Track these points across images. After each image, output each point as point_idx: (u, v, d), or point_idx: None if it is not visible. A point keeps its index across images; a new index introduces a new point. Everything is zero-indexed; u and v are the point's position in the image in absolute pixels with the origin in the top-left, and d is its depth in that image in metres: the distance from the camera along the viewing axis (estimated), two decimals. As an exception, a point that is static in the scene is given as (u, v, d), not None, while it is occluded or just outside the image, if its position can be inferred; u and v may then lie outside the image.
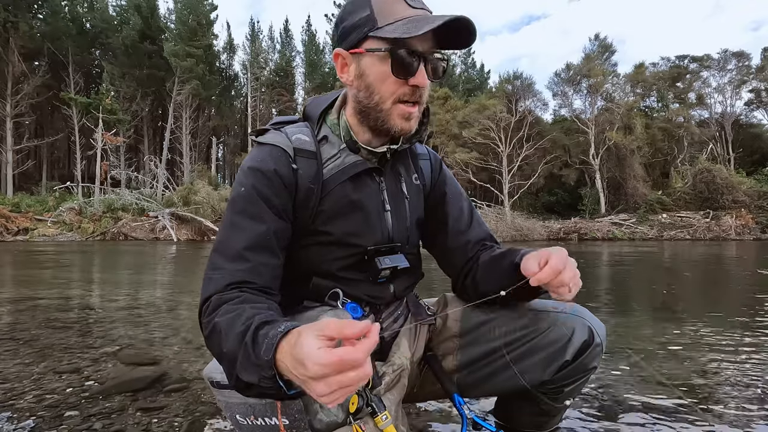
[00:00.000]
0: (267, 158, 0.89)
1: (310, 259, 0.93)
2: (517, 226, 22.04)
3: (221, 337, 0.70)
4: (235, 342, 0.67)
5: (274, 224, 0.87)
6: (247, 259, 0.82)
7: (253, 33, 41.61)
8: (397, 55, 0.82)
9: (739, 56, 31.07)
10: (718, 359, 2.02)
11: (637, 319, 3.01)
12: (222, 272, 0.81)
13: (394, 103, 0.86)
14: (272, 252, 0.86)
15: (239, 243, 0.83)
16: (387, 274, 0.95)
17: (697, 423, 1.35)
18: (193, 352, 2.20)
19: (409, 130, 0.90)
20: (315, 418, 0.81)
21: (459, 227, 1.09)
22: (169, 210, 21.65)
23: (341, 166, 0.93)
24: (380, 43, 0.83)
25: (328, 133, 0.96)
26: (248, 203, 0.86)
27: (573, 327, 0.96)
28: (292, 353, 0.57)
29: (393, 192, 1.00)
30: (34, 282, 5.22)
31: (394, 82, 0.84)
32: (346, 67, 0.90)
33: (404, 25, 0.81)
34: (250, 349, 0.63)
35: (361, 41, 0.85)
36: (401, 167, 1.03)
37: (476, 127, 27.69)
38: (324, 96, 1.03)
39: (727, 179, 24.35)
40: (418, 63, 0.83)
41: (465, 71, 46.50)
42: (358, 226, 0.94)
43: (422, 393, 1.13)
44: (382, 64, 0.84)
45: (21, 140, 32.66)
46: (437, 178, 1.12)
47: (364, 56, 0.86)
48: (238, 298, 0.77)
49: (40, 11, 34.05)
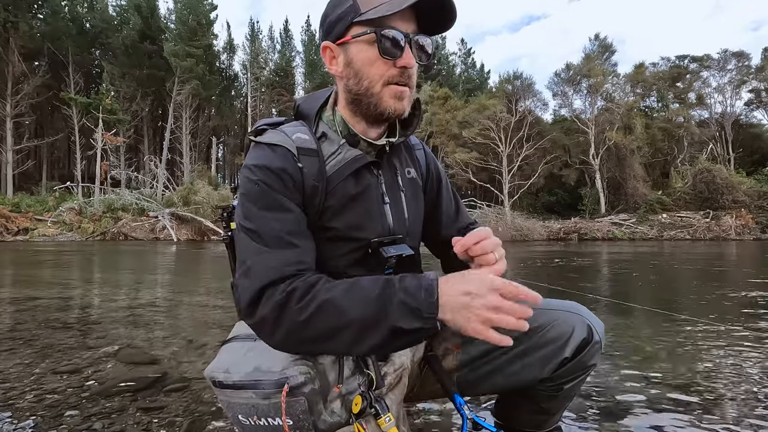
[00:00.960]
0: (272, 157, 0.88)
1: (319, 256, 0.92)
2: (517, 226, 22.03)
3: (342, 310, 0.74)
4: (372, 305, 0.74)
5: (300, 213, 0.87)
6: (294, 244, 0.82)
7: (253, 33, 41.63)
8: (383, 35, 0.83)
9: (739, 56, 31.09)
10: (718, 359, 2.02)
11: (637, 319, 3.00)
12: (271, 256, 0.80)
13: (384, 85, 0.87)
14: (309, 237, 0.87)
15: (278, 230, 0.82)
16: (393, 263, 0.95)
17: (698, 423, 1.35)
18: (193, 352, 2.20)
19: (402, 111, 0.90)
20: (319, 418, 0.81)
21: (450, 216, 1.15)
22: (169, 210, 21.66)
23: (343, 161, 0.93)
24: (365, 27, 0.84)
25: (326, 129, 0.96)
26: (269, 197, 0.85)
27: (572, 325, 0.97)
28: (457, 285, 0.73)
29: (390, 185, 1.00)
30: (34, 282, 5.22)
31: (382, 63, 0.85)
32: (334, 59, 0.91)
33: (386, 6, 0.82)
34: (408, 300, 0.73)
35: (346, 30, 0.86)
36: (396, 160, 1.04)
37: (476, 127, 27.69)
38: (316, 93, 1.03)
39: (727, 179, 24.35)
40: (404, 43, 0.84)
41: (465, 71, 46.51)
42: (361, 219, 0.94)
43: (422, 393, 1.13)
44: (368, 48, 0.85)
45: (21, 140, 32.67)
46: (432, 168, 1.14)
47: (351, 44, 0.87)
48: (321, 278, 0.80)
49: (40, 11, 34.06)
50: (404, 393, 0.96)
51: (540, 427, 1.16)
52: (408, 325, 0.72)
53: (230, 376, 0.83)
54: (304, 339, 0.76)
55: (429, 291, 0.73)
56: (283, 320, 0.76)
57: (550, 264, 7.73)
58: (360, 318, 0.74)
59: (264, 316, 0.77)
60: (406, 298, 0.73)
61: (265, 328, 0.78)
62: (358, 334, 0.74)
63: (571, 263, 7.88)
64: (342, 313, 0.74)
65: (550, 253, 11.28)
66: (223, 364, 0.85)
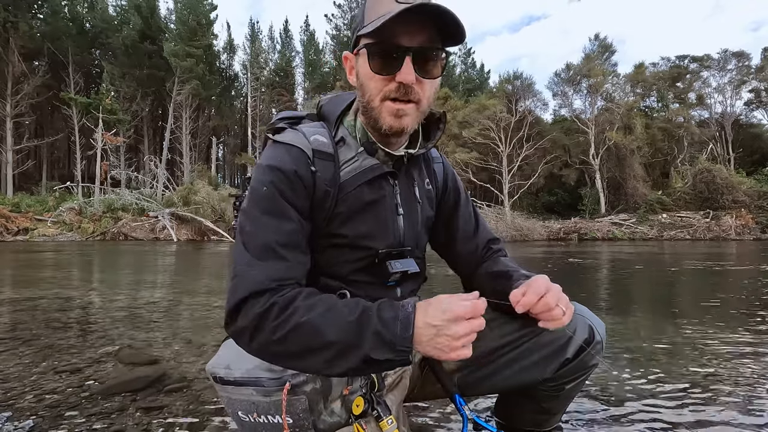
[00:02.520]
0: (286, 158, 0.87)
1: (322, 261, 0.92)
2: (517, 226, 22.01)
3: (318, 331, 0.73)
4: (349, 331, 0.73)
5: (300, 223, 0.86)
6: (283, 257, 0.81)
7: (253, 33, 41.64)
8: (373, 50, 0.82)
9: (739, 56, 31.06)
10: (718, 359, 2.02)
11: (637, 319, 3.00)
12: (258, 268, 0.78)
13: (383, 101, 0.84)
14: (302, 250, 0.86)
15: (272, 240, 0.81)
16: (397, 277, 0.95)
17: (698, 422, 1.35)
18: (193, 352, 2.20)
19: (401, 128, 0.86)
20: (319, 418, 0.81)
21: (468, 232, 1.12)
22: (169, 210, 21.64)
23: (358, 169, 0.92)
24: (365, 40, 0.83)
25: (345, 135, 0.94)
26: (273, 202, 0.84)
27: (574, 325, 0.97)
28: (431, 312, 0.72)
29: (406, 196, 0.99)
30: (34, 282, 5.21)
31: (380, 79, 0.83)
32: (352, 69, 0.90)
33: (379, 18, 0.78)
34: (383, 332, 0.72)
35: (356, 43, 0.86)
36: (415, 171, 1.02)
37: (476, 127, 27.66)
38: (342, 96, 1.01)
39: (727, 179, 24.32)
40: (400, 58, 0.80)
41: (465, 71, 46.50)
42: (371, 229, 0.93)
43: (423, 393, 1.13)
44: (366, 63, 0.83)
45: (21, 140, 32.65)
46: (449, 183, 1.12)
47: (357, 57, 0.86)
48: (302, 293, 0.78)
49: (40, 11, 34.04)
50: (405, 393, 0.96)
51: (541, 427, 1.16)
52: (380, 356, 0.71)
53: (231, 372, 0.83)
54: (278, 354, 0.75)
55: (405, 325, 0.72)
56: (259, 334, 0.75)
57: (576, 266, 7.72)
58: (334, 342, 0.72)
59: (243, 327, 0.76)
60: (381, 329, 0.72)
61: (243, 338, 0.77)
62: (331, 358, 0.73)
63: (583, 262, 7.88)
64: (317, 335, 0.73)
65: (552, 252, 11.28)
66: (224, 360, 0.85)
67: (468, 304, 0.71)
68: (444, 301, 0.73)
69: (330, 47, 42.36)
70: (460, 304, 0.71)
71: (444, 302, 0.72)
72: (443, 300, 0.73)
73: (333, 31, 41.66)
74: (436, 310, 0.72)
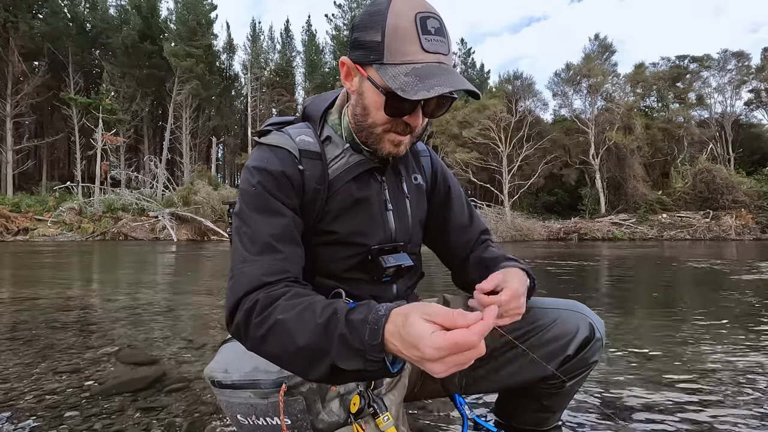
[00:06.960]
0: (273, 159, 0.88)
1: (315, 259, 0.92)
2: (517, 226, 22.02)
3: (291, 334, 0.67)
4: (318, 334, 0.65)
5: (293, 218, 0.86)
6: (278, 250, 0.80)
7: (254, 33, 41.64)
8: (392, 102, 0.80)
9: (738, 56, 31.07)
10: (718, 358, 2.02)
11: (637, 319, 3.00)
12: (255, 264, 0.78)
13: (386, 132, 0.85)
14: (298, 243, 0.86)
15: (266, 235, 0.81)
16: (391, 272, 0.95)
17: (698, 422, 1.35)
18: (193, 352, 2.20)
19: (398, 154, 0.90)
20: (317, 418, 0.81)
21: (462, 224, 1.11)
22: (169, 210, 21.66)
23: (346, 165, 0.92)
24: (380, 80, 0.78)
25: (330, 133, 0.95)
26: (263, 200, 0.85)
27: (576, 323, 0.98)
28: (402, 335, 0.58)
29: (394, 191, 0.99)
30: (34, 282, 5.21)
31: (389, 116, 0.83)
32: (350, 75, 0.88)
33: (405, 77, 0.75)
34: (349, 338, 0.62)
35: (365, 64, 0.82)
36: (401, 166, 1.03)
37: (476, 127, 27.69)
38: (323, 95, 1.02)
39: (727, 179, 24.32)
40: (414, 107, 0.81)
41: (465, 71, 46.48)
42: (362, 225, 0.93)
43: (423, 392, 1.13)
44: (378, 96, 0.81)
45: (21, 140, 32.69)
46: (438, 176, 1.12)
47: (365, 80, 0.82)
48: (289, 291, 0.74)
49: (40, 11, 34.05)
50: (404, 393, 0.96)
51: (541, 425, 1.16)
52: (348, 365, 0.62)
53: (229, 375, 0.83)
54: (264, 354, 0.74)
55: (372, 331, 0.60)
56: (247, 332, 0.74)
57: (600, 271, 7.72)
58: (305, 346, 0.66)
59: (237, 324, 0.76)
60: (346, 331, 0.62)
61: (239, 336, 0.76)
62: (305, 362, 0.67)
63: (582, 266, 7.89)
64: (290, 337, 0.67)
65: (552, 252, 11.28)
66: (221, 364, 0.86)
67: (444, 341, 0.53)
68: (416, 327, 0.56)
69: (330, 48, 42.43)
70: (433, 342, 0.54)
71: (417, 329, 0.56)
72: (415, 326, 0.57)
73: (333, 31, 41.73)
74: (407, 339, 0.57)
